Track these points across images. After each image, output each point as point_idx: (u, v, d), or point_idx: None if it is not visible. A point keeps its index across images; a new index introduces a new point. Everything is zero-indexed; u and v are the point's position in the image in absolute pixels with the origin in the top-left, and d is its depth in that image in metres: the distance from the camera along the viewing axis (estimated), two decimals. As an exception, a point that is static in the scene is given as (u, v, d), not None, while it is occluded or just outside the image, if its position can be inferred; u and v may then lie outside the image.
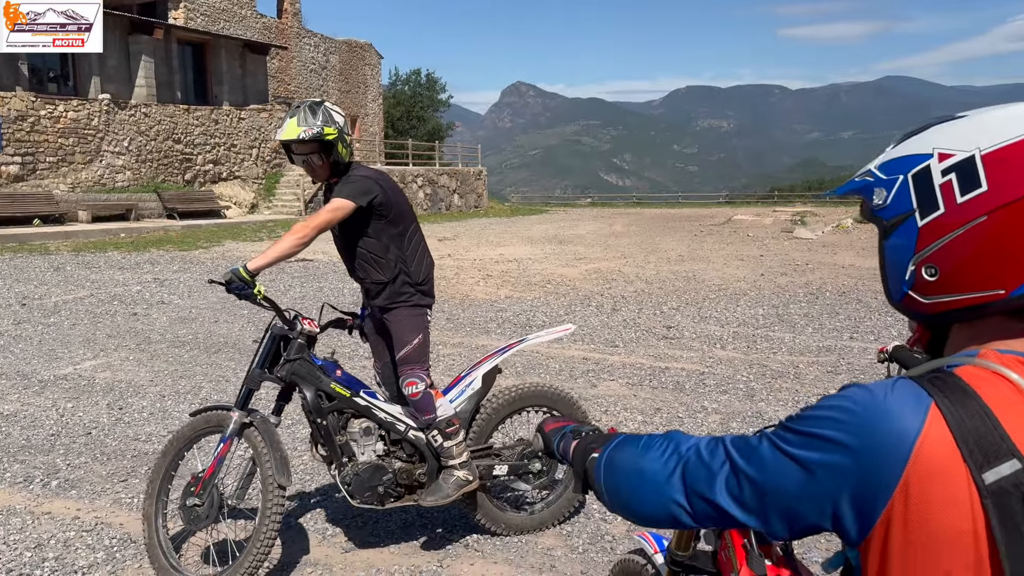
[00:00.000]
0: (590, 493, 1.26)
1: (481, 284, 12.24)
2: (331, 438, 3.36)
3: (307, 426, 3.56)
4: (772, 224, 27.29)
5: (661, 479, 1.07)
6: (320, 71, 32.79)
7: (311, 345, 3.42)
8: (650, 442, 1.13)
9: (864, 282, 12.31)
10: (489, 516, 3.68)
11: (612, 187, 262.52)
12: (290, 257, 3.34)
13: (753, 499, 0.97)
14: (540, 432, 1.46)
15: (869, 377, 6.61)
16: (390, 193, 3.43)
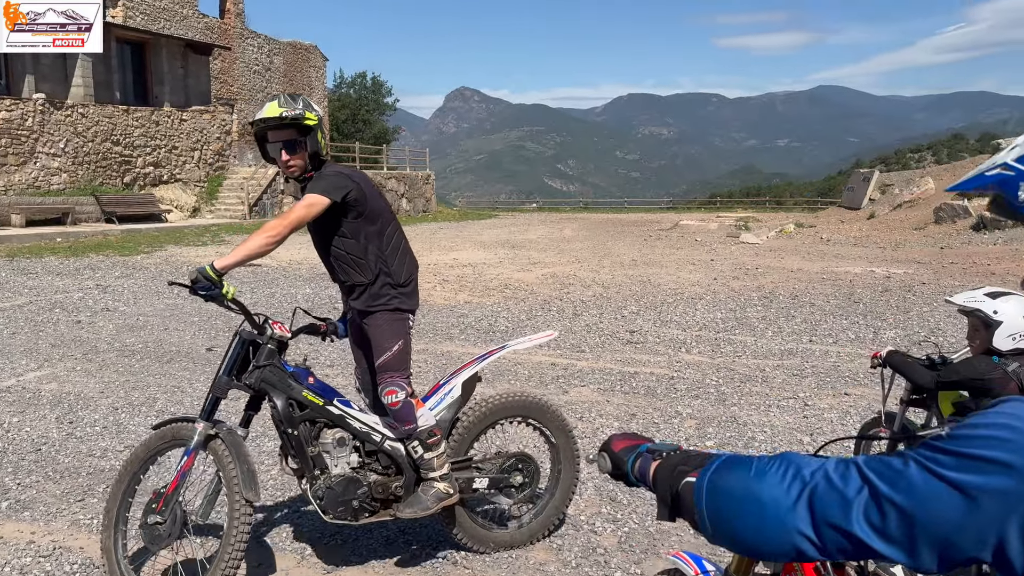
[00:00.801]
0: (678, 520, 1.15)
1: (438, 289, 12.07)
2: (302, 449, 3.16)
3: (275, 438, 3.35)
4: (718, 229, 27.75)
5: (783, 507, 0.96)
6: (264, 72, 32.09)
7: (282, 351, 3.22)
8: (764, 465, 1.02)
9: (814, 286, 12.54)
10: (467, 532, 3.52)
11: (557, 192, 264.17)
12: (260, 256, 3.10)
13: (900, 529, 0.87)
14: (607, 452, 1.34)
15: (838, 380, 6.69)
16: (366, 189, 3.24)
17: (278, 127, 3.15)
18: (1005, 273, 13.84)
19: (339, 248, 3.29)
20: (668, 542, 3.70)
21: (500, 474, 3.56)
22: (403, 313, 3.35)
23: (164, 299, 10.51)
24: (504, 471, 3.58)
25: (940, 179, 26.84)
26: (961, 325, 9.16)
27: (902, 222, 24.65)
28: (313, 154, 3.21)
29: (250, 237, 3.05)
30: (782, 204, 53.78)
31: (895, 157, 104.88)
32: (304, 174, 3.24)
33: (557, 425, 3.65)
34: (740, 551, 1.04)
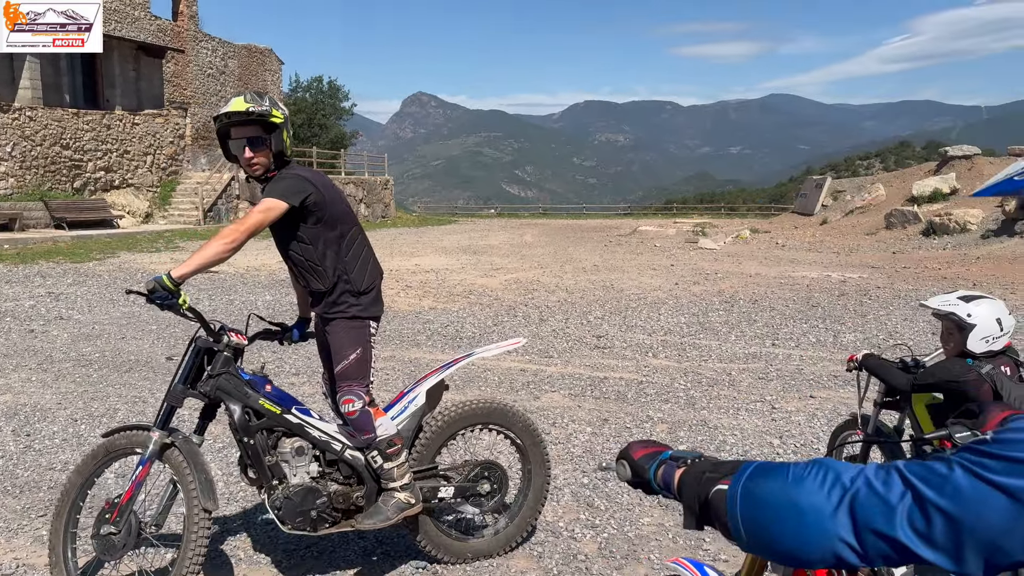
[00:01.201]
0: (706, 528, 1.14)
1: (402, 295, 11.98)
2: (259, 459, 3.09)
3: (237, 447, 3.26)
4: (676, 235, 28.07)
5: (824, 514, 0.95)
6: (218, 76, 31.55)
7: (238, 358, 3.16)
8: (801, 472, 1.01)
9: (773, 290, 12.75)
10: (434, 541, 3.45)
11: (515, 198, 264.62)
12: (217, 264, 2.98)
13: (946, 535, 0.86)
14: (626, 459, 1.32)
15: (802, 383, 6.79)
16: (326, 193, 3.15)
17: (243, 123, 3.07)
18: (956, 277, 14.25)
19: (297, 253, 3.22)
20: (647, 547, 3.70)
21: (467, 483, 3.50)
22: (363, 321, 3.25)
23: (120, 307, 10.23)
24: (471, 480, 3.51)
25: (890, 185, 27.57)
26: (918, 328, 9.42)
27: (854, 228, 25.25)
28: (278, 153, 3.13)
29: (206, 244, 2.96)
30: (735, 210, 54.68)
31: (845, 164, 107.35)
32: (267, 173, 3.16)
33: (525, 431, 3.58)
34: (777, 558, 1.02)
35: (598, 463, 4.59)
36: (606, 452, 4.99)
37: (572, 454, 4.95)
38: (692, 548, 3.69)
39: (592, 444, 5.13)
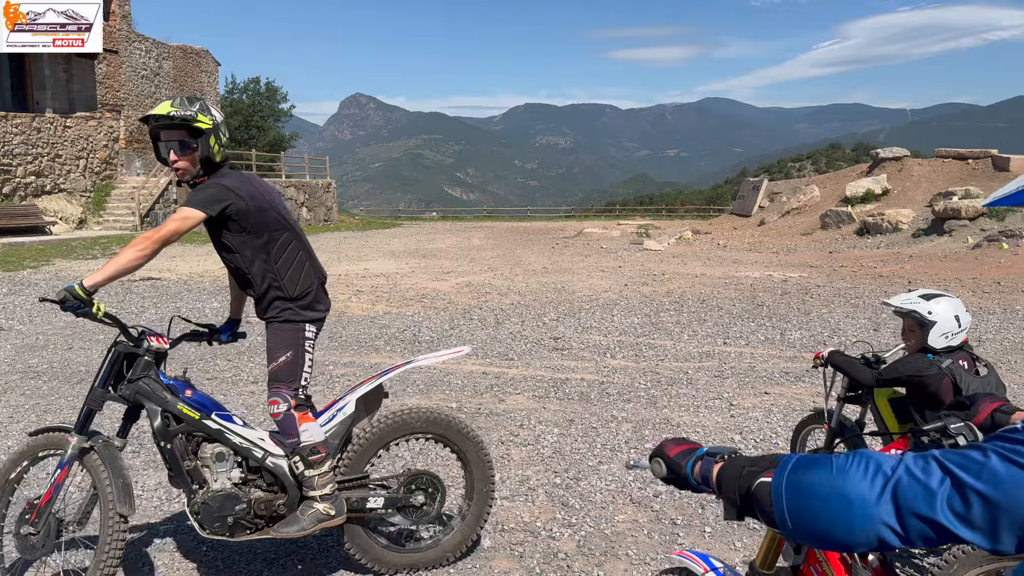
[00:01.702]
0: (746, 519, 1.22)
1: (355, 300, 11.89)
2: (177, 463, 3.11)
3: None
4: (620, 236, 28.47)
5: (869, 502, 1.03)
6: (153, 77, 30.70)
7: (160, 363, 3.20)
8: (844, 463, 1.09)
9: (718, 290, 13.08)
10: (366, 552, 3.40)
11: (457, 201, 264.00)
12: (131, 272, 3.04)
13: (983, 516, 0.95)
14: (661, 457, 1.39)
15: (756, 380, 7.01)
16: (251, 202, 3.12)
17: (169, 127, 3.09)
18: (891, 275, 14.85)
19: (228, 261, 3.26)
20: (624, 543, 3.80)
21: (399, 494, 3.42)
22: (296, 324, 3.25)
23: (63, 317, 9.90)
24: (404, 491, 3.44)
25: (824, 187, 28.50)
26: (859, 324, 9.79)
27: (791, 228, 26.05)
28: (204, 159, 3.13)
29: (120, 252, 3.00)
30: (674, 212, 55.70)
31: (778, 166, 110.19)
32: (195, 179, 3.17)
33: (465, 440, 3.50)
34: (821, 544, 1.11)
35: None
36: (575, 452, 5.07)
37: (542, 455, 5.02)
38: (667, 543, 3.80)
39: (561, 445, 5.22)
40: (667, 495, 4.35)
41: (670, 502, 4.27)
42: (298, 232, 3.31)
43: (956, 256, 17.13)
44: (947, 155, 24.88)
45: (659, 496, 4.34)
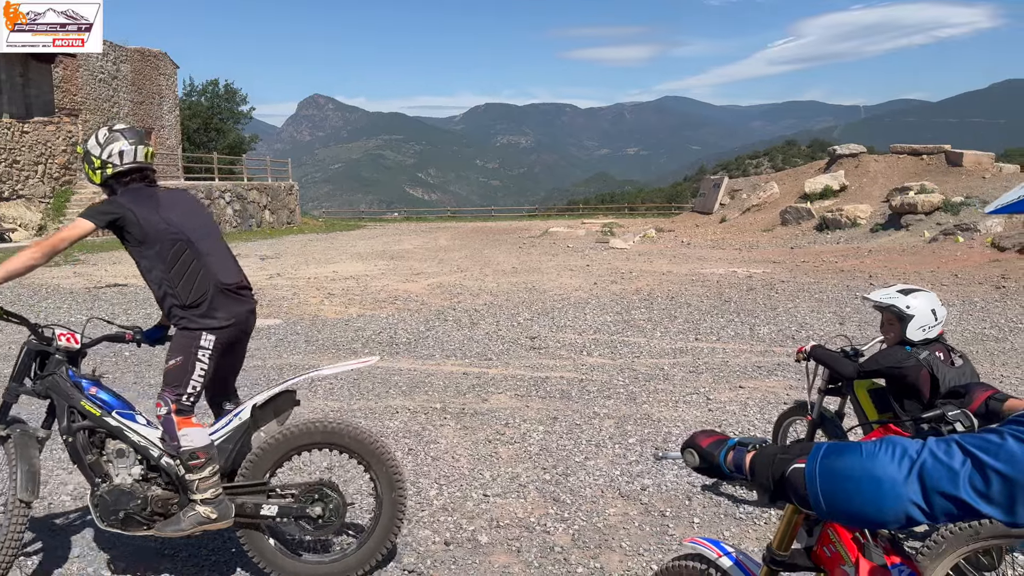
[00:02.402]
0: (777, 503, 1.33)
1: (326, 303, 11.87)
2: (79, 456, 3.32)
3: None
4: (586, 235, 28.69)
5: (898, 482, 1.16)
6: (110, 81, 30.12)
7: (73, 361, 3.42)
8: (872, 448, 1.21)
9: (686, 287, 13.32)
10: (266, 558, 3.41)
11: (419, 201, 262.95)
12: (22, 276, 3.30)
13: (1002, 493, 1.08)
14: (693, 448, 1.50)
15: (730, 374, 7.20)
16: (141, 216, 3.28)
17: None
18: (852, 270, 15.26)
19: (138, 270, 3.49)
20: (617, 536, 3.92)
21: (295, 503, 3.44)
22: (192, 332, 3.33)
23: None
24: (300, 501, 3.43)
25: (783, 183, 29.07)
26: (824, 318, 10.07)
27: (752, 225, 26.51)
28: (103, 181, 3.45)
29: (15, 256, 3.24)
30: (635, 210, 56.26)
31: (735, 163, 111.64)
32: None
33: (367, 451, 3.44)
34: (853, 522, 1.23)
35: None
36: (561, 449, 5.19)
37: (530, 452, 5.13)
38: (658, 535, 3.93)
39: (547, 442, 5.33)
40: (654, 489, 4.49)
41: (657, 495, 4.41)
42: (193, 241, 3.37)
43: (914, 250, 17.64)
44: (902, 151, 25.56)
45: (646, 490, 4.48)
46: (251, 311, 3.55)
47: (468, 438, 5.42)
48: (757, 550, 3.75)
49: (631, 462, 4.93)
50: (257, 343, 8.72)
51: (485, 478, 4.67)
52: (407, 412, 6.05)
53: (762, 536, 3.90)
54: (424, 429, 5.61)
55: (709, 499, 4.33)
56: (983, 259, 15.39)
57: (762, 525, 4.02)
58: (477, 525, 4.03)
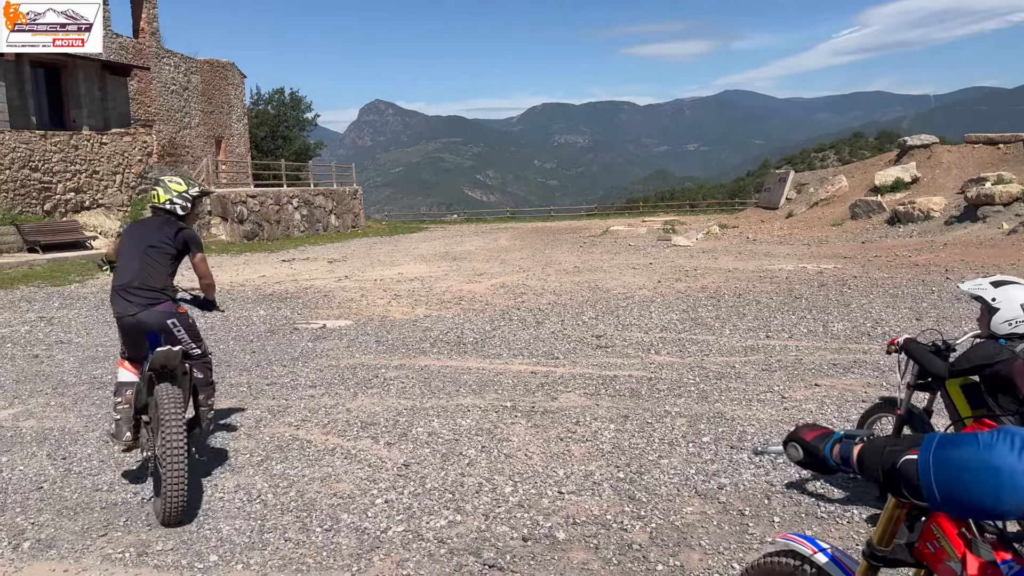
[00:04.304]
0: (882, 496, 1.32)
1: (393, 304, 12.07)
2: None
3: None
4: (647, 233, 28.46)
5: (1018, 472, 1.15)
6: (182, 92, 31.24)
7: None
8: (989, 439, 1.20)
9: (754, 284, 13.09)
10: None
11: (478, 203, 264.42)
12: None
13: None
14: (797, 441, 1.50)
15: (805, 372, 7.06)
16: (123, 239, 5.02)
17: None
18: (927, 264, 14.76)
19: None
20: (695, 535, 3.90)
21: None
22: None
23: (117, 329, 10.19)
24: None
25: (852, 176, 28.28)
26: (901, 315, 9.79)
27: (820, 219, 25.86)
28: None
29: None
30: (696, 207, 55.48)
31: (800, 156, 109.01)
32: None
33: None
34: (970, 513, 1.22)
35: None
36: (634, 447, 5.18)
37: (602, 450, 5.13)
38: (738, 534, 3.90)
39: (619, 440, 5.33)
40: (731, 488, 4.44)
41: (735, 494, 4.36)
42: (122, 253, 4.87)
43: (992, 242, 16.97)
44: (977, 140, 24.59)
45: (723, 489, 4.44)
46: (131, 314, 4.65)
47: (540, 436, 5.46)
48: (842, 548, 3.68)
49: (706, 461, 4.89)
50: (330, 343, 8.95)
51: (559, 475, 4.70)
52: (478, 410, 6.12)
53: (845, 535, 3.83)
54: (496, 427, 5.67)
55: (789, 498, 4.27)
56: (1069, 251, 14.72)
57: (845, 524, 3.95)
58: (554, 522, 4.06)
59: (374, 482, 4.63)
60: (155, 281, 4.68)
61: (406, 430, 5.63)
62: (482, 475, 4.71)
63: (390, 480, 4.66)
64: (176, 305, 4.75)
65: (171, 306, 4.71)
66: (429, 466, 4.88)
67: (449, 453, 5.12)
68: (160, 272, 4.73)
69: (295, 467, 4.93)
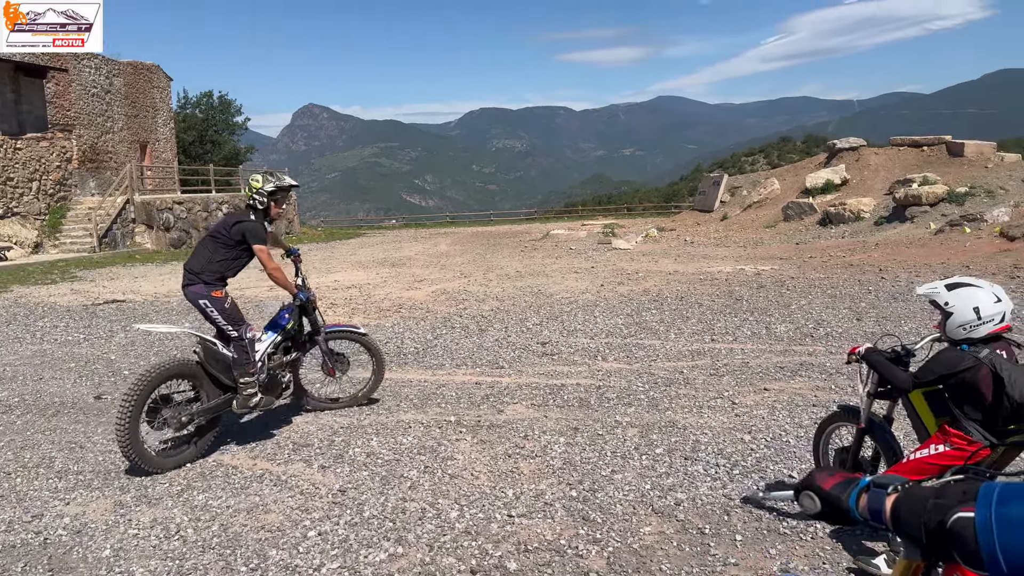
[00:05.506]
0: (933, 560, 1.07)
1: (329, 313, 11.58)
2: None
3: None
4: (587, 237, 28.43)
5: None
6: (103, 95, 29.86)
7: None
8: None
9: (695, 286, 13.06)
10: None
11: (417, 208, 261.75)
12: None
13: None
14: (813, 490, 1.24)
15: (752, 376, 6.93)
16: None
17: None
18: (861, 264, 14.99)
19: None
20: (655, 558, 3.66)
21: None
22: None
23: (28, 345, 9.49)
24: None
25: (783, 179, 28.81)
26: (840, 315, 9.81)
27: (754, 221, 26.24)
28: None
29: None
30: (633, 210, 55.97)
31: (731, 160, 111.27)
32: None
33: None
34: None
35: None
36: (586, 462, 4.92)
37: (553, 467, 4.86)
38: (699, 555, 3.67)
39: (570, 454, 5.07)
40: (689, 503, 4.22)
41: (693, 510, 4.14)
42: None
43: (921, 242, 17.38)
44: (902, 143, 25.32)
45: (681, 505, 4.22)
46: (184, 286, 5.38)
47: (486, 453, 5.16)
48: (806, 568, 3.49)
49: (661, 474, 4.67)
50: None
51: (508, 497, 4.41)
52: (420, 427, 5.78)
53: (810, 552, 3.63)
54: (439, 444, 5.34)
55: (749, 513, 4.07)
56: (993, 249, 15.15)
57: (809, 540, 3.76)
58: (504, 550, 3.77)
59: (307, 512, 4.26)
60: (196, 265, 5.31)
61: (342, 451, 5.26)
62: (425, 499, 4.39)
63: (324, 509, 4.29)
64: (210, 288, 5.26)
65: (203, 288, 5.26)
66: (367, 491, 4.53)
67: (389, 475, 4.77)
68: (204, 258, 5.34)
69: (219, 497, 4.52)
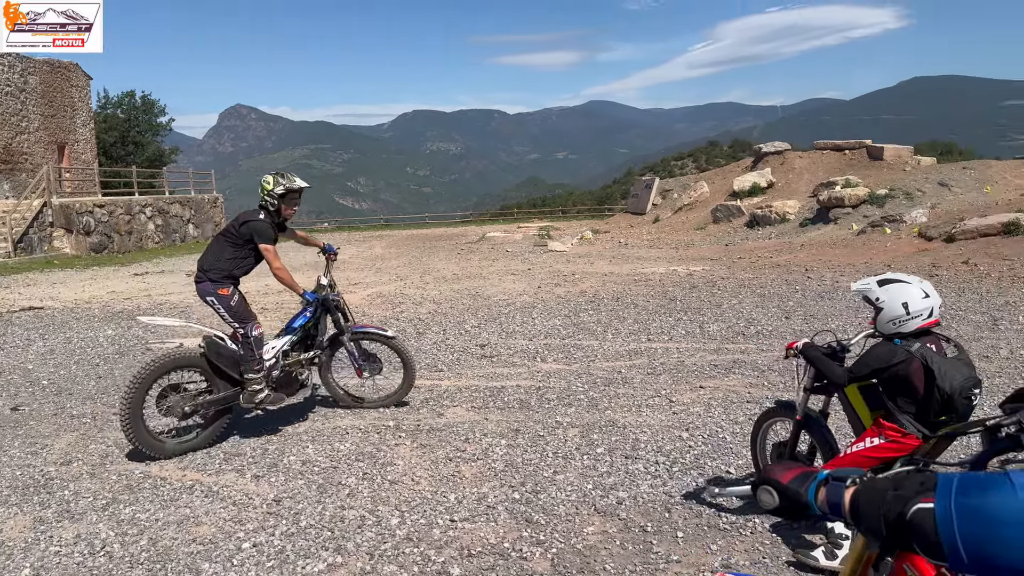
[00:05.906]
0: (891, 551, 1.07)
1: (262, 317, 11.27)
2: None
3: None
4: (523, 239, 28.49)
5: None
6: (18, 94, 28.52)
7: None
8: (1021, 480, 0.96)
9: (630, 287, 13.21)
10: None
11: (350, 211, 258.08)
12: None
13: None
14: (771, 485, 1.22)
15: (688, 374, 7.03)
16: None
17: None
18: (788, 264, 15.42)
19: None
20: (599, 558, 3.65)
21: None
22: None
23: (-67, 356, 8.94)
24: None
25: (712, 182, 29.49)
26: (770, 314, 10.05)
27: (685, 223, 26.77)
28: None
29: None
30: (568, 213, 56.47)
31: (661, 164, 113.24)
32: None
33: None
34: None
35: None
36: (527, 464, 4.89)
37: (495, 470, 4.82)
38: (642, 553, 3.68)
39: (511, 456, 5.03)
40: (630, 502, 4.23)
41: (635, 508, 4.16)
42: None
43: (844, 243, 17.99)
44: (825, 147, 26.20)
45: (623, 503, 4.22)
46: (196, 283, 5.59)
47: (427, 457, 5.08)
48: (747, 563, 3.53)
49: (602, 473, 4.67)
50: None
51: (450, 501, 4.34)
52: (358, 432, 5.66)
53: (751, 547, 3.68)
54: (378, 450, 5.24)
55: (689, 510, 4.10)
56: (912, 249, 15.78)
57: (748, 535, 3.80)
58: (447, 556, 3.70)
59: (240, 523, 4.10)
60: (205, 263, 5.52)
61: (276, 460, 5.10)
62: (365, 507, 4.28)
63: (259, 519, 4.14)
64: (217, 286, 5.41)
65: (209, 286, 5.44)
66: (304, 500, 4.40)
67: (326, 483, 4.65)
68: (212, 256, 5.52)
69: (147, 510, 4.32)
